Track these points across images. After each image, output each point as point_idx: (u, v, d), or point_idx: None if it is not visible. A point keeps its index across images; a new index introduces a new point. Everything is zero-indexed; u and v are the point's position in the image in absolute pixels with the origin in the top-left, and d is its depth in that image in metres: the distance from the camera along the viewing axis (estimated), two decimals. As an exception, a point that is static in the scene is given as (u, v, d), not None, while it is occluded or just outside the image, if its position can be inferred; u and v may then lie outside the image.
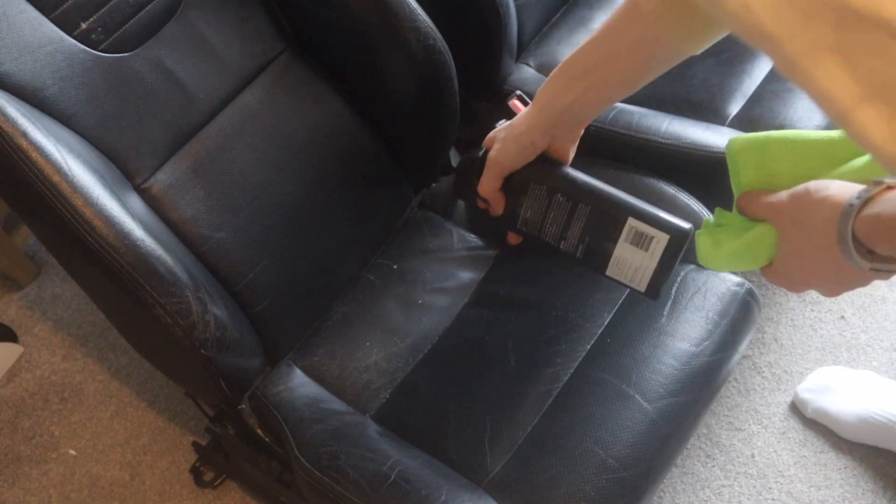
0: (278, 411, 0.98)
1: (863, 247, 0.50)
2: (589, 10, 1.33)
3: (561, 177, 0.78)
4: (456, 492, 0.83)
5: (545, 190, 0.78)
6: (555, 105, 0.74)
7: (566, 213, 0.77)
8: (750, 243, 0.62)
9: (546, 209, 0.79)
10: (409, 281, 1.09)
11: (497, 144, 0.79)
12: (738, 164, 0.64)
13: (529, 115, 0.76)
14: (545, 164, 0.78)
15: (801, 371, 1.30)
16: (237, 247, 0.94)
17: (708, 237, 0.67)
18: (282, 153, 0.98)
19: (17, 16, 0.79)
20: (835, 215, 0.51)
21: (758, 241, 0.61)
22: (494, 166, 0.79)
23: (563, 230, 0.79)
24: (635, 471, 0.83)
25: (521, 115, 0.77)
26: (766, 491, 1.20)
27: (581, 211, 0.77)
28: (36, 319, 1.51)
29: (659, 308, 0.94)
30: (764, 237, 0.61)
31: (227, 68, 0.95)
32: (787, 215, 0.58)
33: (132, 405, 1.40)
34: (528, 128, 0.76)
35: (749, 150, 0.63)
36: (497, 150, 0.78)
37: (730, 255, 0.64)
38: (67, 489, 1.33)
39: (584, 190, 0.77)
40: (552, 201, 0.78)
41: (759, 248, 0.62)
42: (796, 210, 0.57)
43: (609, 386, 0.88)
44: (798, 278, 0.60)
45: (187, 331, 0.77)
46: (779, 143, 0.61)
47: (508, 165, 0.78)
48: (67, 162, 0.73)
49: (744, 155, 0.63)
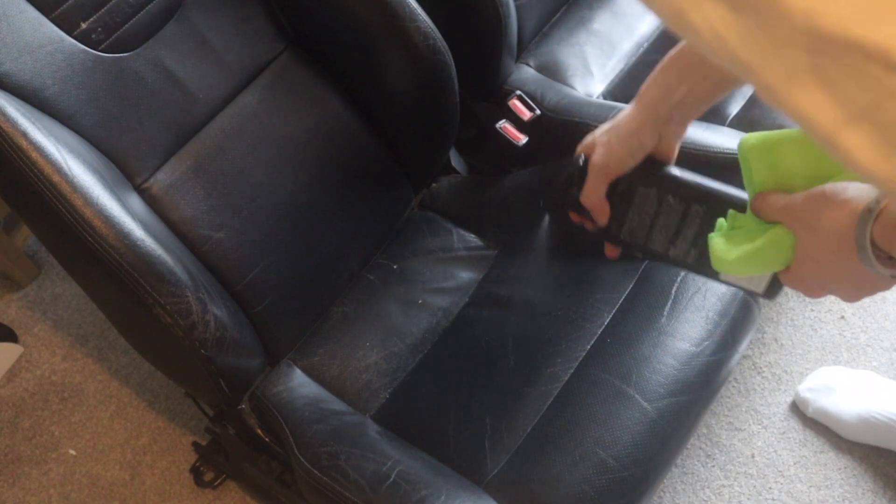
0: (278, 411, 0.98)
1: (882, 253, 0.49)
2: (589, 10, 1.33)
3: (671, 178, 0.72)
4: (456, 492, 0.83)
5: (655, 193, 0.72)
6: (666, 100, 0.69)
7: (678, 216, 0.72)
8: (764, 247, 0.60)
9: (655, 214, 0.72)
10: (409, 281, 1.09)
11: (600, 149, 0.73)
12: (751, 163, 0.61)
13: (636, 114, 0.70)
14: (652, 166, 0.72)
15: (801, 371, 1.30)
16: (237, 247, 0.94)
17: (721, 240, 0.64)
18: (282, 153, 0.98)
19: (17, 16, 0.79)
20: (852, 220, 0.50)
21: (773, 245, 0.59)
22: (601, 172, 0.72)
23: (674, 235, 0.72)
24: (635, 471, 0.83)
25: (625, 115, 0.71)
26: (766, 491, 1.20)
27: (695, 212, 0.71)
28: (36, 319, 1.51)
29: (659, 308, 0.94)
30: (779, 240, 0.59)
31: (227, 68, 0.95)
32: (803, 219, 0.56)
33: (132, 405, 1.40)
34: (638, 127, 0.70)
35: (761, 148, 0.61)
36: (603, 155, 0.72)
37: (744, 258, 0.62)
38: (67, 489, 1.33)
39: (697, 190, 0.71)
40: (662, 205, 0.72)
41: (774, 251, 0.60)
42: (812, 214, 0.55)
43: (609, 386, 0.88)
44: (815, 284, 0.58)
45: (187, 331, 0.77)
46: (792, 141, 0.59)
47: (616, 170, 0.72)
48: (67, 162, 0.73)
49: (756, 154, 0.61)
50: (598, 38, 1.30)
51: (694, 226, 0.71)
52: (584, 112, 1.14)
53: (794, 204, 0.56)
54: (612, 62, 1.29)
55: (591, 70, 1.27)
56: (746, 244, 0.61)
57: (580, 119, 1.13)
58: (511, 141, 1.18)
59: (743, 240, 0.62)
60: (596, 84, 1.26)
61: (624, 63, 1.29)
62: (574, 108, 1.15)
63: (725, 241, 0.64)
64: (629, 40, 1.31)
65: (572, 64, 1.26)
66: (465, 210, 1.16)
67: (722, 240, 0.64)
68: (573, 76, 1.25)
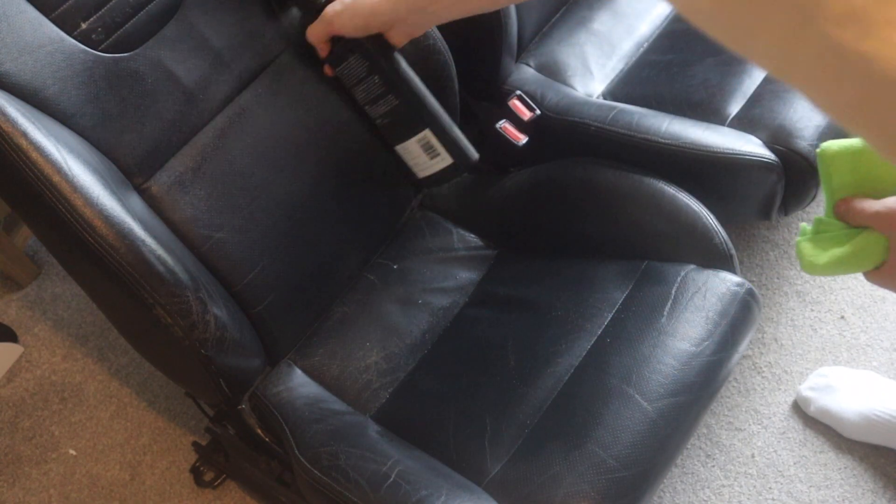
0: (278, 411, 0.98)
1: None
2: (589, 10, 1.33)
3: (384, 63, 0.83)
4: (456, 492, 0.83)
5: (367, 66, 0.84)
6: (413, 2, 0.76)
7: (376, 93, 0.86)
8: (857, 250, 0.63)
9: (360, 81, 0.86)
10: (409, 281, 1.09)
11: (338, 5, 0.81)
12: (832, 169, 0.64)
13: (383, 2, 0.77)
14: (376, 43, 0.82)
15: (801, 371, 1.30)
16: (237, 247, 0.94)
17: (810, 244, 0.67)
18: (282, 153, 0.98)
19: (17, 16, 0.79)
20: None
21: (865, 248, 0.62)
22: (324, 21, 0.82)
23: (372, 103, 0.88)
24: (635, 471, 0.83)
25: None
26: (766, 491, 1.20)
27: (389, 100, 0.85)
28: (36, 319, 1.51)
29: (659, 308, 0.94)
30: (873, 244, 0.61)
31: (227, 68, 0.95)
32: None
33: (132, 405, 1.40)
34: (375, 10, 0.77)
35: (844, 156, 0.63)
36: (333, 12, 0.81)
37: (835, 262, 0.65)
38: (67, 489, 1.33)
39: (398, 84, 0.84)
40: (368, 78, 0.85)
41: (866, 254, 0.62)
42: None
43: (609, 386, 0.88)
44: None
45: (187, 331, 0.77)
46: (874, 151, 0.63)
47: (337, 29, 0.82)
48: (67, 162, 0.73)
49: (839, 161, 0.64)
50: (598, 38, 1.30)
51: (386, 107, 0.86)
52: (584, 112, 1.14)
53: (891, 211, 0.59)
54: (612, 62, 1.29)
55: (591, 70, 1.27)
56: (836, 248, 0.64)
57: (580, 119, 1.13)
58: (511, 141, 1.18)
59: (831, 244, 0.65)
60: (596, 84, 1.26)
61: (624, 63, 1.29)
62: (574, 108, 1.16)
63: (813, 245, 0.67)
64: (629, 40, 1.31)
65: (572, 64, 1.26)
66: (465, 210, 1.16)
67: (810, 244, 0.67)
68: (573, 76, 1.25)
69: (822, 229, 0.66)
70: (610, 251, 1.04)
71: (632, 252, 1.02)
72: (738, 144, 1.04)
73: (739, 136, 1.07)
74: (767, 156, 1.04)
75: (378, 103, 0.86)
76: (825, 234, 0.66)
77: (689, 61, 1.23)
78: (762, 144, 1.06)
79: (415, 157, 0.87)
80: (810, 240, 0.67)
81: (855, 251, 0.63)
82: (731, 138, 1.06)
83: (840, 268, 0.65)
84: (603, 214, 1.05)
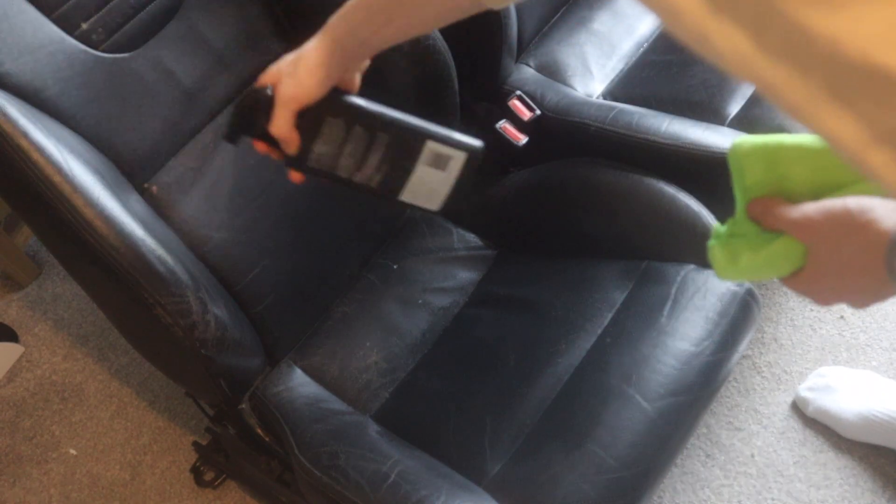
0: (278, 411, 0.98)
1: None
2: (589, 10, 1.33)
3: (357, 108, 0.77)
4: (456, 492, 0.83)
5: (342, 122, 0.76)
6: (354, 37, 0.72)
7: (364, 144, 0.77)
8: (772, 257, 0.59)
9: (343, 142, 0.77)
10: (409, 281, 1.09)
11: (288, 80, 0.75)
12: (744, 167, 0.61)
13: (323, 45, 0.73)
14: (339, 96, 0.77)
15: (801, 371, 1.30)
16: (237, 247, 0.94)
17: (723, 250, 0.63)
18: (282, 153, 0.98)
19: (18, 16, 0.79)
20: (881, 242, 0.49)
21: (781, 256, 0.59)
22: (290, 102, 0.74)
23: (360, 162, 0.78)
24: (635, 471, 0.83)
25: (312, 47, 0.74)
26: (766, 491, 1.20)
27: (380, 140, 0.77)
28: (36, 319, 1.51)
29: (659, 308, 0.94)
30: (788, 251, 0.58)
31: (227, 68, 0.95)
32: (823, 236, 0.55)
33: (132, 405, 1.40)
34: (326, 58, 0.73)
35: (757, 153, 0.60)
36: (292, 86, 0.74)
37: (750, 268, 0.61)
38: (68, 489, 1.33)
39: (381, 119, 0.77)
40: (350, 133, 0.77)
41: (782, 261, 0.59)
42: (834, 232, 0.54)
43: (609, 386, 0.88)
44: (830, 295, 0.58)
45: (187, 331, 0.77)
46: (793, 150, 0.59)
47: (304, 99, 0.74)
48: (68, 162, 0.73)
49: (751, 159, 0.60)
50: (598, 38, 1.30)
51: (379, 152, 0.77)
52: (584, 112, 1.14)
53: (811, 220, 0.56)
54: (612, 62, 1.29)
55: (591, 70, 1.27)
56: (749, 252, 0.61)
57: (580, 119, 1.13)
58: (511, 141, 1.18)
59: (744, 248, 0.62)
60: (596, 84, 1.26)
61: (624, 63, 1.29)
62: (574, 108, 1.16)
63: (726, 250, 0.63)
64: (629, 40, 1.31)
65: (572, 64, 1.26)
66: (464, 210, 1.16)
67: (722, 250, 0.64)
68: (573, 76, 1.25)
69: (736, 232, 0.63)
70: (610, 251, 1.04)
71: (632, 252, 1.02)
72: (738, 144, 1.04)
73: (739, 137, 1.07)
74: (767, 156, 1.04)
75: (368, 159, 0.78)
76: (739, 238, 0.62)
77: (689, 61, 1.23)
78: (762, 144, 1.06)
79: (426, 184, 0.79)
80: (723, 244, 0.64)
81: (770, 259, 0.59)
82: (731, 138, 1.05)
83: (755, 274, 0.62)
84: (603, 214, 1.05)
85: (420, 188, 0.78)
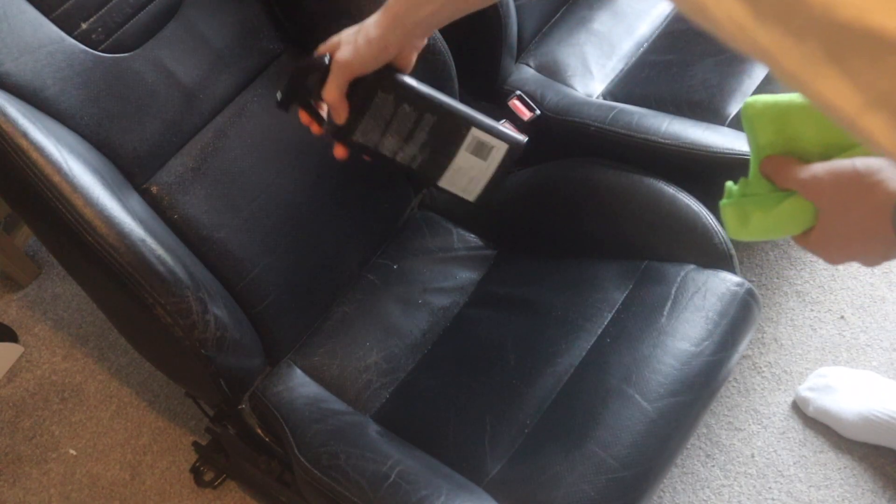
0: (278, 411, 0.98)
1: None
2: (589, 10, 1.33)
3: (408, 87, 0.77)
4: (456, 492, 0.83)
5: (392, 99, 0.77)
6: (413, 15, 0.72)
7: (411, 123, 0.78)
8: (782, 217, 0.60)
9: (390, 119, 0.78)
10: (409, 281, 1.09)
11: (347, 48, 0.75)
12: (756, 127, 0.61)
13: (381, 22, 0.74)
14: (392, 73, 0.77)
15: (801, 371, 1.30)
16: (237, 247, 0.94)
17: (735, 209, 0.64)
18: (282, 153, 0.98)
19: (18, 16, 0.79)
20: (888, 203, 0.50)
21: (791, 215, 0.59)
22: (345, 69, 0.75)
23: (405, 141, 0.78)
24: (635, 471, 0.83)
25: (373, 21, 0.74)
26: (766, 491, 1.20)
27: (426, 121, 0.77)
28: (36, 319, 1.51)
29: (659, 308, 0.94)
30: (797, 211, 0.59)
31: (227, 68, 0.95)
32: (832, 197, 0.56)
33: (132, 405, 1.40)
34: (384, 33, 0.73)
35: (770, 114, 0.60)
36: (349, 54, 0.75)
37: (761, 228, 0.62)
38: (68, 489, 1.33)
39: (430, 100, 0.77)
40: (398, 111, 0.77)
41: (792, 220, 0.60)
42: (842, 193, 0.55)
43: (609, 386, 0.88)
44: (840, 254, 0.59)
45: (187, 331, 0.77)
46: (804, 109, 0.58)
47: (359, 69, 0.75)
48: (68, 162, 0.73)
49: (763, 118, 0.60)
50: (598, 38, 1.30)
51: (423, 133, 0.78)
52: (584, 112, 1.14)
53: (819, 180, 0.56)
54: (612, 62, 1.29)
55: (591, 70, 1.27)
56: (760, 212, 0.61)
57: (580, 119, 1.13)
58: (511, 141, 1.18)
59: (756, 207, 0.62)
60: (596, 84, 1.26)
61: (624, 63, 1.29)
62: (574, 108, 1.16)
63: (738, 209, 0.64)
64: (629, 40, 1.31)
65: (572, 64, 1.26)
66: (464, 210, 1.16)
67: (734, 209, 0.64)
68: (573, 76, 1.25)
69: (748, 191, 0.63)
70: (610, 251, 1.04)
71: (632, 252, 1.02)
72: (738, 144, 1.04)
73: (739, 136, 1.07)
74: (767, 156, 1.04)
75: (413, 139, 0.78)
76: (751, 197, 0.63)
77: (689, 61, 1.23)
78: (762, 144, 1.06)
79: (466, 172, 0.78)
80: (735, 203, 0.64)
81: (780, 218, 0.60)
82: (731, 138, 1.06)
83: (766, 234, 0.62)
84: (603, 214, 1.05)
85: (459, 176, 0.79)
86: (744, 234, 0.64)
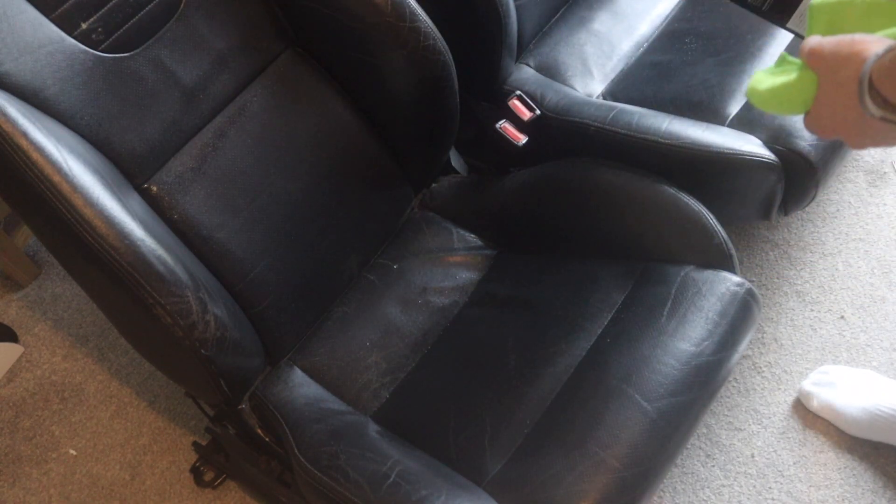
0: (278, 411, 0.98)
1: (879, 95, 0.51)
2: (589, 10, 1.33)
3: None
4: (456, 492, 0.83)
5: None
6: None
7: None
8: (788, 86, 0.62)
9: None
10: (409, 281, 1.09)
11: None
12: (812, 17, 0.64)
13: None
14: None
15: (801, 371, 1.30)
16: (237, 246, 0.94)
17: (764, 73, 0.67)
18: (282, 153, 0.98)
19: (18, 16, 0.79)
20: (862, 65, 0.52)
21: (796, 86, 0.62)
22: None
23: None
24: (635, 471, 0.83)
25: None
26: (766, 491, 1.20)
27: None
28: (36, 319, 1.51)
29: (659, 308, 0.94)
30: (804, 83, 0.61)
31: (227, 68, 0.95)
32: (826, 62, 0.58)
33: (132, 405, 1.40)
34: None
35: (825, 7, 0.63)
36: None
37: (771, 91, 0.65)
38: (68, 489, 1.33)
39: None
40: None
41: (797, 92, 0.62)
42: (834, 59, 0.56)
43: (609, 386, 0.88)
44: (828, 126, 0.60)
45: (187, 331, 0.77)
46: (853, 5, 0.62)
47: None
48: (68, 162, 0.73)
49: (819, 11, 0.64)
50: (598, 38, 1.30)
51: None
52: (584, 112, 1.14)
53: (822, 48, 0.58)
54: (612, 62, 1.29)
55: (591, 70, 1.27)
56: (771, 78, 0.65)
57: (580, 119, 1.13)
58: (511, 141, 1.18)
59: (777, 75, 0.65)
60: (596, 84, 1.26)
61: (624, 63, 1.29)
62: (574, 108, 1.16)
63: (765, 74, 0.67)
64: (629, 40, 1.31)
65: (572, 64, 1.26)
66: (465, 210, 1.16)
67: (764, 73, 0.67)
68: (573, 76, 1.25)
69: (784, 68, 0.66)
70: (610, 251, 1.04)
71: (632, 252, 1.02)
72: (738, 144, 1.04)
73: (739, 136, 1.07)
74: (767, 156, 1.04)
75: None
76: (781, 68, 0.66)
77: (689, 61, 1.24)
78: (762, 144, 1.06)
79: None
80: (767, 70, 0.67)
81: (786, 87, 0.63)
82: (731, 138, 1.06)
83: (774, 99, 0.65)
84: (603, 214, 1.05)
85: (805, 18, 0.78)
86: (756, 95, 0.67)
